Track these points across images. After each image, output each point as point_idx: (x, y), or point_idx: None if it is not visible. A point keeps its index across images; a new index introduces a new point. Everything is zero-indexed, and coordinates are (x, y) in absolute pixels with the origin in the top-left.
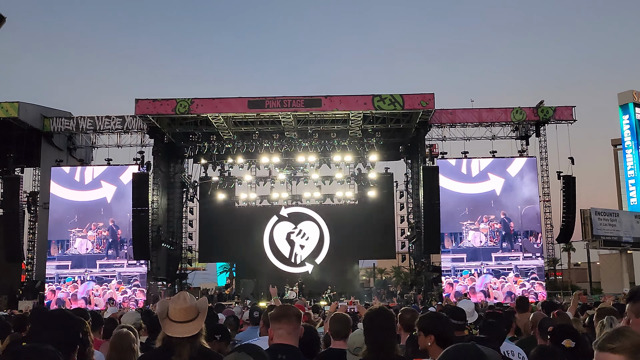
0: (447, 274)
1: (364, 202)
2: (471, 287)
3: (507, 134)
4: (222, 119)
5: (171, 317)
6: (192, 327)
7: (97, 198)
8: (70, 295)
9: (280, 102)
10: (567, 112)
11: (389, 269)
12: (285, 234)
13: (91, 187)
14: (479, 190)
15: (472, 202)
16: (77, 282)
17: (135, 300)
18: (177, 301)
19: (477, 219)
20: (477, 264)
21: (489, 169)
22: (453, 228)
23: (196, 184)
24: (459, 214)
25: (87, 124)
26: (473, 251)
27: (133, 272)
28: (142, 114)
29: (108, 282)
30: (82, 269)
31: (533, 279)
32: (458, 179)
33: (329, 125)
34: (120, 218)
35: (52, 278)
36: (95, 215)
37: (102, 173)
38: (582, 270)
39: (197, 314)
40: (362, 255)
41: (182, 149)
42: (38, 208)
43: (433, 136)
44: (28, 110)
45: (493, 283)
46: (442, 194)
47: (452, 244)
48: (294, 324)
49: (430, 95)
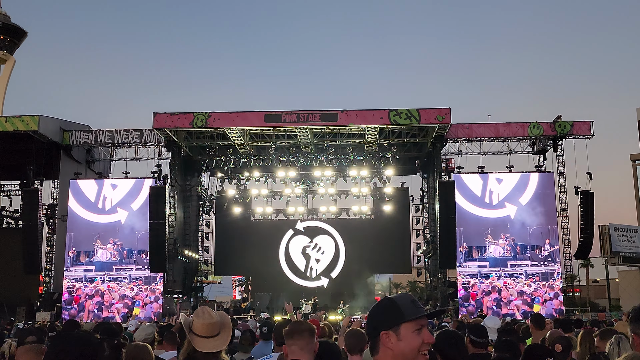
0: (474, 276)
1: (380, 216)
2: (493, 286)
3: (524, 148)
4: (238, 133)
5: (197, 331)
6: (219, 343)
7: (114, 221)
8: (94, 291)
9: (297, 116)
10: (585, 127)
11: (405, 284)
12: (301, 247)
13: (110, 212)
14: (497, 215)
15: (493, 224)
16: (98, 281)
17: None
18: (202, 316)
19: (497, 236)
20: (497, 269)
21: (506, 199)
22: (479, 242)
23: (212, 197)
24: (483, 232)
25: (106, 137)
26: (494, 260)
27: (139, 275)
28: (160, 127)
29: (120, 281)
30: (102, 272)
31: (538, 281)
32: (482, 206)
33: (345, 139)
34: (131, 237)
35: (81, 278)
36: (112, 233)
37: (119, 202)
38: (600, 286)
39: (221, 328)
40: (378, 269)
41: (198, 162)
42: (56, 220)
43: (449, 151)
44: (48, 123)
45: (509, 283)
46: (469, 217)
47: (478, 254)
48: (306, 339)
49: (447, 109)
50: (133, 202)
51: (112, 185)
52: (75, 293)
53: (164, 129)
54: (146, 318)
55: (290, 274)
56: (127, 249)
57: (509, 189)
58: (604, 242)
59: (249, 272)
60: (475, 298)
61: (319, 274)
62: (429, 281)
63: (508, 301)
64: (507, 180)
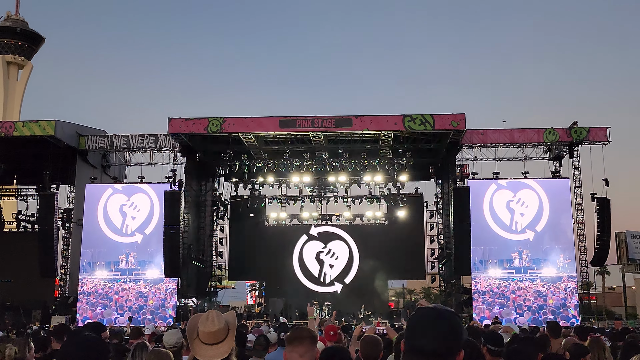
0: (505, 279)
1: (394, 222)
2: (519, 287)
3: (539, 155)
4: (253, 138)
5: (201, 338)
6: (221, 350)
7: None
8: (121, 290)
9: (311, 121)
10: (601, 133)
11: (419, 290)
12: (314, 253)
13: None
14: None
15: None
16: (121, 282)
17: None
18: (205, 323)
19: (519, 252)
20: (520, 275)
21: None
22: (507, 257)
23: (227, 202)
24: (511, 249)
25: (121, 142)
26: (517, 268)
27: (151, 277)
28: (175, 132)
29: (137, 282)
30: (125, 276)
31: (549, 284)
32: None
33: (359, 145)
34: (145, 254)
35: (111, 279)
36: (131, 248)
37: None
38: (617, 294)
39: (227, 333)
40: (392, 275)
41: (213, 167)
42: (72, 225)
43: (464, 156)
44: (64, 128)
45: (528, 285)
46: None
47: (506, 264)
48: (306, 346)
49: (462, 115)
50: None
51: (133, 209)
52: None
53: (179, 134)
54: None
55: (304, 280)
56: (140, 260)
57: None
58: (620, 249)
59: (263, 278)
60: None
61: (333, 280)
62: (443, 287)
63: (521, 306)
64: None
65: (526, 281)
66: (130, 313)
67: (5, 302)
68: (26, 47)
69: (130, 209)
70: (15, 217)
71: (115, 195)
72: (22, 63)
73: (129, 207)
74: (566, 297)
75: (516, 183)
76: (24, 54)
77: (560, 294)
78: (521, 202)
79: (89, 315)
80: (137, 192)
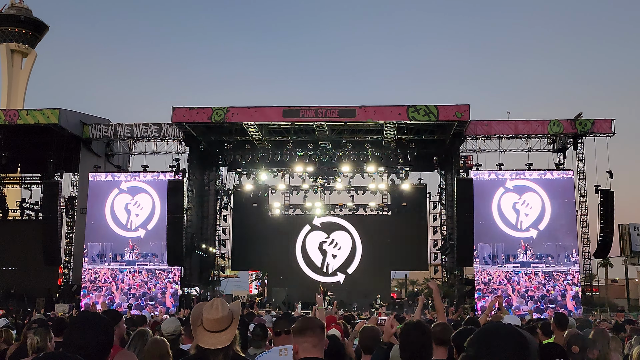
0: (514, 273)
1: (397, 212)
2: (523, 279)
3: (543, 146)
4: (256, 128)
5: (205, 326)
6: (224, 338)
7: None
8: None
9: (315, 111)
10: (606, 125)
11: (421, 281)
12: (317, 243)
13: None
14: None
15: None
16: (126, 272)
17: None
18: (209, 311)
19: (524, 247)
20: (525, 268)
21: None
22: (513, 252)
23: (230, 191)
24: (517, 245)
25: (125, 131)
26: (521, 262)
27: (152, 266)
28: (179, 121)
29: (140, 272)
30: (130, 266)
31: (550, 277)
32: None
33: (363, 135)
34: (147, 247)
35: (117, 269)
36: (135, 242)
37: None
38: (619, 286)
39: (231, 321)
40: (394, 266)
41: (216, 157)
42: (76, 213)
43: (468, 148)
44: (68, 117)
45: (531, 276)
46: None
47: (512, 259)
48: (318, 336)
49: (466, 106)
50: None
51: (137, 207)
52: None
53: (182, 124)
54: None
55: (307, 269)
56: (143, 252)
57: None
58: (623, 241)
59: (266, 267)
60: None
61: (335, 270)
62: (445, 279)
63: (524, 296)
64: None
65: (529, 274)
66: (134, 300)
67: (9, 290)
68: (30, 35)
69: (134, 207)
70: (19, 205)
71: (121, 195)
72: (26, 51)
73: (133, 205)
74: (566, 289)
75: (522, 187)
76: (28, 42)
77: (560, 287)
78: (526, 203)
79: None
80: (140, 192)
